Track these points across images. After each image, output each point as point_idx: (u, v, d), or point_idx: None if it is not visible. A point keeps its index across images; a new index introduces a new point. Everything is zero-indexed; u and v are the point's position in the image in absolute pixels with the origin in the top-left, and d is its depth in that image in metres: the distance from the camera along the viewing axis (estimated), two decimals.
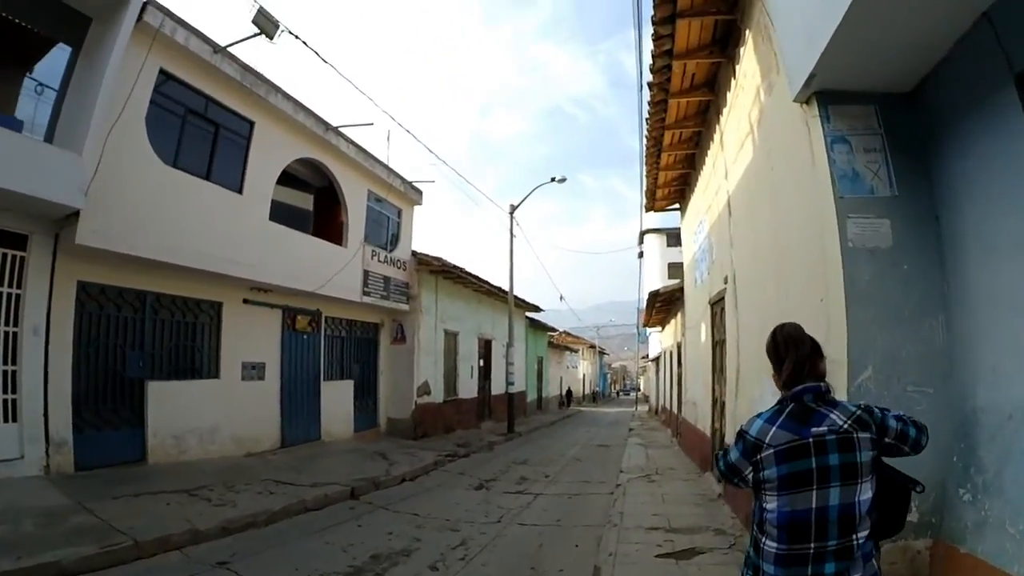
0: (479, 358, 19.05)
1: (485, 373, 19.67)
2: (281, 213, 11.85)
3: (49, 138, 7.19)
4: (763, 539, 1.83)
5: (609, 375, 74.35)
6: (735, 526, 5.87)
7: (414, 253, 15.24)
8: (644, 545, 5.35)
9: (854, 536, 1.72)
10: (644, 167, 10.54)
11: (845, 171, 3.93)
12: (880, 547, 1.89)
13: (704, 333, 9.38)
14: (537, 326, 27.77)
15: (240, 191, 9.91)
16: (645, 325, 23.73)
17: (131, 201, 7.79)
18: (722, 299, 7.69)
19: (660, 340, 23.57)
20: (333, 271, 11.94)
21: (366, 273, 13.24)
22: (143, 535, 5.44)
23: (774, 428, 1.83)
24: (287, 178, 12.70)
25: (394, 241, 15.00)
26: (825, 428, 1.77)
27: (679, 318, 14.05)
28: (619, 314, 68.43)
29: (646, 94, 7.77)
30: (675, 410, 15.31)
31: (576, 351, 44.27)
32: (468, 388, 17.95)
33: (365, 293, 13.18)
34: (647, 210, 12.85)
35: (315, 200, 14.10)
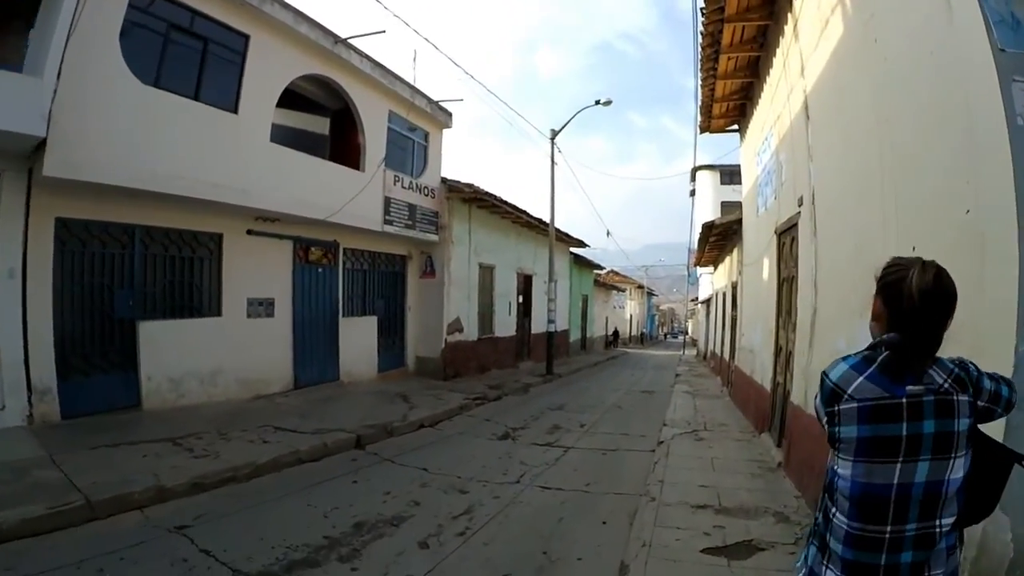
0: (518, 294, 17.99)
1: (525, 310, 18.65)
2: (294, 139, 10.94)
3: (19, 68, 6.35)
4: (833, 509, 1.54)
5: (657, 317, 72.70)
6: (800, 509, 4.69)
7: (444, 180, 14.04)
8: (688, 532, 4.24)
9: (937, 522, 1.43)
10: (699, 75, 8.92)
11: (1002, 16, 2.56)
12: (964, 538, 1.55)
13: (767, 270, 7.98)
14: (582, 263, 26.40)
15: (235, 110, 8.85)
16: (696, 264, 22.10)
17: (105, 126, 6.90)
18: (793, 226, 6.28)
19: (712, 281, 21.98)
20: (347, 198, 10.88)
21: (387, 200, 12.16)
22: (100, 494, 4.70)
23: (860, 378, 1.49)
24: (299, 101, 11.75)
25: (420, 166, 13.82)
26: (923, 387, 1.44)
27: (735, 255, 12.55)
28: (669, 255, 65.84)
29: None
30: (726, 357, 13.98)
31: (623, 290, 42.76)
32: (505, 326, 16.99)
33: (387, 222, 12.15)
34: (702, 130, 11.19)
35: (332, 124, 12.96)
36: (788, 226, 6.54)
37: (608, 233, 26.06)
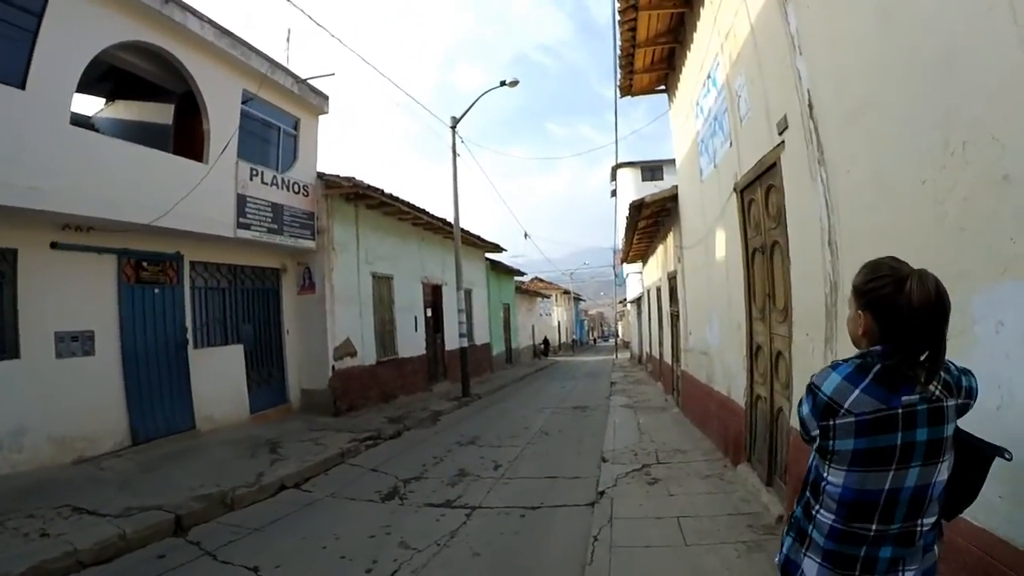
0: (426, 307, 15.60)
1: (435, 325, 16.26)
2: (131, 132, 8.76)
3: None
4: (817, 507, 1.53)
5: (587, 322, 71.74)
6: None
7: (320, 175, 11.55)
8: None
9: (920, 521, 1.45)
10: (616, 8, 6.98)
11: None
12: (943, 532, 1.56)
13: (723, 245, 6.05)
14: (501, 270, 24.25)
15: (21, 85, 6.22)
16: (624, 261, 20.42)
17: None
18: (770, 169, 4.32)
19: (641, 278, 20.38)
20: (182, 195, 8.27)
21: (242, 199, 9.58)
22: None
23: (857, 391, 1.43)
24: (140, 88, 9.13)
25: (289, 160, 11.25)
26: (917, 396, 1.40)
27: (670, 241, 10.73)
28: (595, 259, 64.97)
29: None
30: (667, 360, 12.13)
31: (548, 297, 41.06)
32: (412, 344, 14.55)
33: (242, 226, 9.55)
34: (624, 92, 9.31)
35: (176, 111, 10.27)
36: (759, 172, 4.58)
37: (526, 235, 24.08)
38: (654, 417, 9.43)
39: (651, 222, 11.58)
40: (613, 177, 34.27)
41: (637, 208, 9.65)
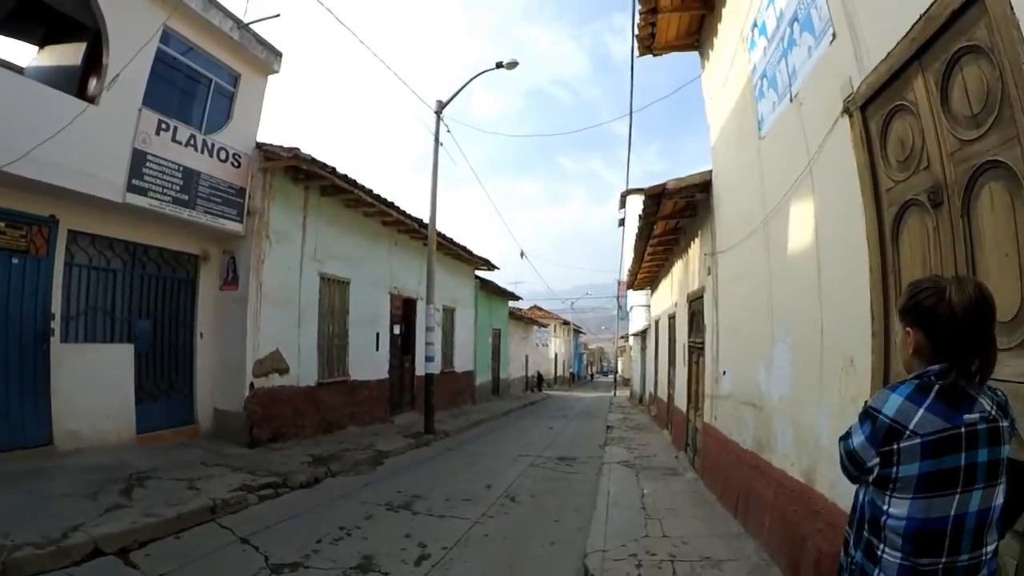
0: (393, 323, 13.13)
1: (405, 345, 13.75)
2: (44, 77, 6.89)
3: None
4: (881, 547, 1.41)
5: (586, 356, 68.81)
6: None
7: (259, 145, 9.22)
8: None
9: (984, 549, 1.36)
10: None
11: None
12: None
13: (812, 217, 3.61)
14: (493, 291, 21.74)
15: None
16: (630, 286, 17.95)
17: None
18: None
19: (649, 308, 17.92)
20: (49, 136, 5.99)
21: (140, 155, 7.30)
22: None
23: (921, 410, 1.36)
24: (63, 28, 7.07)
25: (220, 119, 8.93)
26: (977, 415, 1.36)
27: (694, 251, 8.31)
28: (597, 293, 62.02)
29: None
30: (680, 406, 9.56)
31: (546, 326, 38.46)
32: (371, 365, 12.04)
33: (136, 189, 7.25)
34: (644, 49, 7.03)
35: (88, 50, 8.02)
36: (922, 43, 2.13)
37: (522, 254, 21.70)
38: (663, 485, 6.85)
39: (668, 231, 9.17)
40: (622, 204, 31.84)
41: (655, 201, 7.22)
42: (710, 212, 6.75)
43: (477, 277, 19.52)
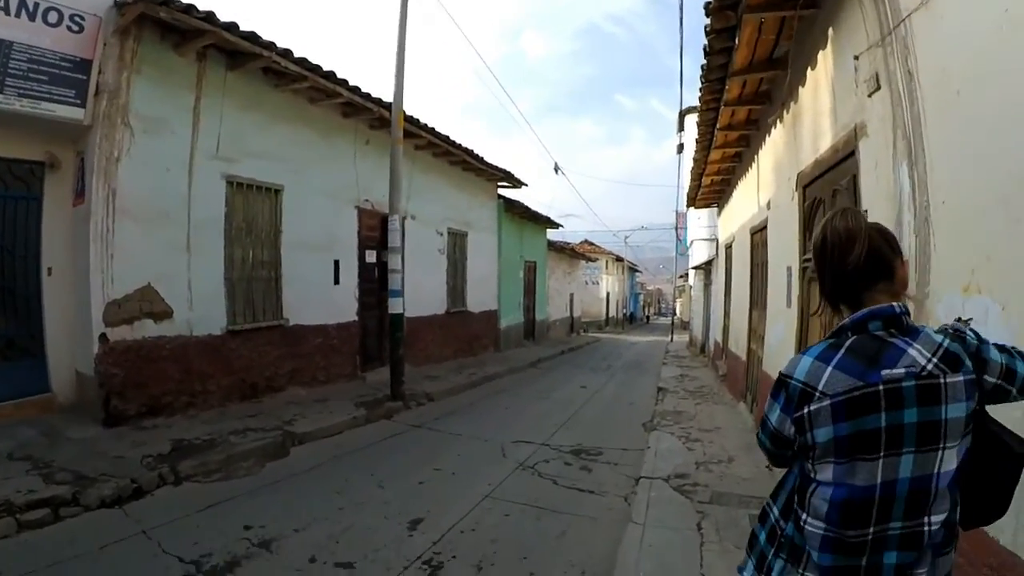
0: (364, 249, 9.76)
1: (385, 278, 10.37)
2: None
3: None
4: (804, 516, 1.26)
5: (642, 297, 64.50)
6: None
7: (117, 3, 5.79)
8: None
9: (925, 519, 1.18)
10: None
11: None
12: (958, 535, 1.26)
13: None
14: (523, 214, 17.94)
15: None
16: (691, 203, 13.91)
17: None
18: None
19: (719, 227, 13.90)
20: None
21: None
22: None
23: (829, 368, 1.21)
24: None
25: None
26: (902, 370, 1.16)
27: (822, 74, 4.46)
28: (656, 235, 56.40)
29: None
30: (775, 371, 5.88)
31: (595, 261, 34.48)
32: (325, 305, 8.78)
33: None
34: None
35: None
36: None
37: (557, 168, 17.69)
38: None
39: (740, 122, 5.28)
40: (681, 127, 26.82)
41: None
42: None
43: (501, 197, 15.86)
